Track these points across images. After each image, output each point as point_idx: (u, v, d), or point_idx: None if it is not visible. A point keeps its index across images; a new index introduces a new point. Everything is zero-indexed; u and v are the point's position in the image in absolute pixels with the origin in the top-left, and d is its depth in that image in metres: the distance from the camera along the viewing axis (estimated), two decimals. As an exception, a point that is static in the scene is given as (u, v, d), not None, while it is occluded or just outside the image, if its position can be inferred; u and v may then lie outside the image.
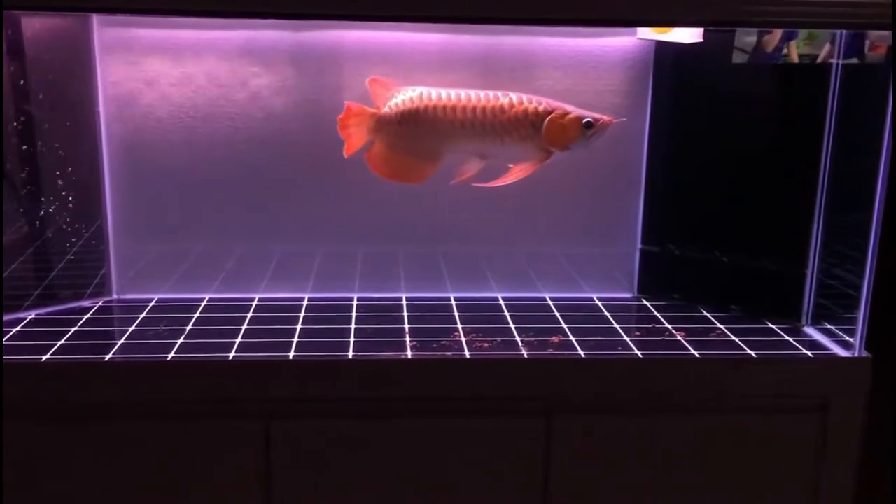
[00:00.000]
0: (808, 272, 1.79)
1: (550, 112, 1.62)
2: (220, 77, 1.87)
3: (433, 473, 1.62)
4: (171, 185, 1.90)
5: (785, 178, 1.81)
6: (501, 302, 1.98)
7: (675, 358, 1.64)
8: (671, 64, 1.90)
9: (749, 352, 1.67)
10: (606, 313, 1.91)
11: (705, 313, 1.91)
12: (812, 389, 1.64)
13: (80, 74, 1.80)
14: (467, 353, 1.65)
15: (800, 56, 1.75)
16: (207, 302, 1.91)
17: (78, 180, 1.83)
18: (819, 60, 1.74)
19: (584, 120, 1.62)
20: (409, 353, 1.64)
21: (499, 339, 1.73)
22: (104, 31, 1.82)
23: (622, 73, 1.93)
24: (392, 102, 1.67)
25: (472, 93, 1.65)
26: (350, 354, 1.62)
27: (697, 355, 1.65)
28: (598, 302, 1.99)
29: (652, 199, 1.99)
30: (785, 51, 1.77)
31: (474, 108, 1.62)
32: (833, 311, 1.83)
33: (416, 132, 1.64)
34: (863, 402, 1.63)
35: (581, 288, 2.04)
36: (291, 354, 1.61)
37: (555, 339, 1.73)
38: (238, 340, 1.68)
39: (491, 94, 1.64)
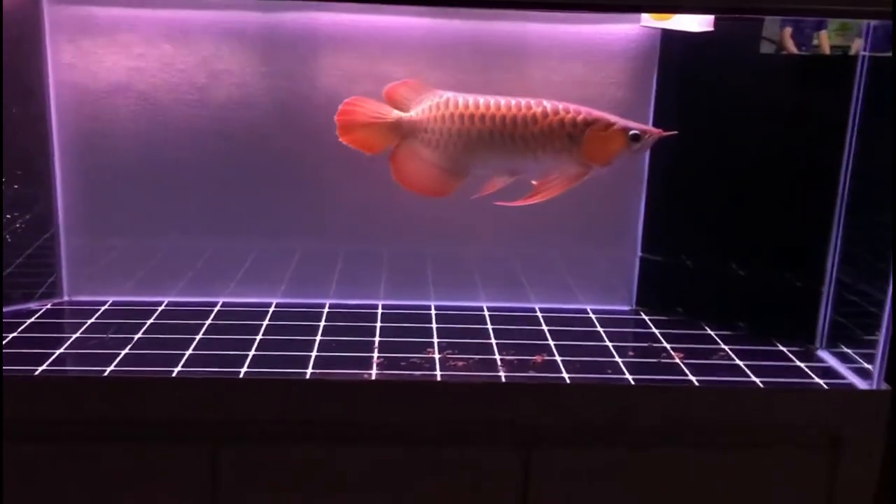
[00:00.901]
0: (825, 289, 1.61)
1: (591, 122, 1.42)
2: (184, 61, 1.71)
3: (394, 508, 1.47)
4: (130, 177, 1.74)
5: (802, 182, 1.62)
6: (486, 312, 1.82)
7: (670, 385, 1.47)
8: (678, 55, 1.71)
9: (754, 378, 1.50)
10: (599, 328, 1.74)
11: (709, 331, 1.73)
12: (823, 424, 1.46)
13: (28, 57, 1.66)
14: (438, 374, 1.49)
15: (832, 48, 1.57)
16: (166, 306, 1.77)
17: (26, 173, 1.68)
18: (853, 52, 1.55)
19: (631, 132, 1.42)
20: (373, 373, 1.48)
21: (476, 356, 1.57)
22: (55, 9, 1.67)
23: (624, 63, 1.75)
24: (419, 108, 1.47)
25: (503, 100, 1.45)
26: (308, 372, 1.47)
27: (696, 382, 1.48)
28: (592, 315, 1.82)
29: (654, 203, 1.81)
30: (816, 41, 1.58)
31: (504, 118, 1.42)
32: (851, 332, 1.65)
33: (442, 142, 1.46)
34: (879, 440, 1.45)
35: (575, 298, 1.87)
36: (244, 370, 1.46)
37: (537, 358, 1.57)
38: (188, 352, 1.53)
39: (523, 101, 1.44)
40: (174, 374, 1.43)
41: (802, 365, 1.57)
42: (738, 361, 1.57)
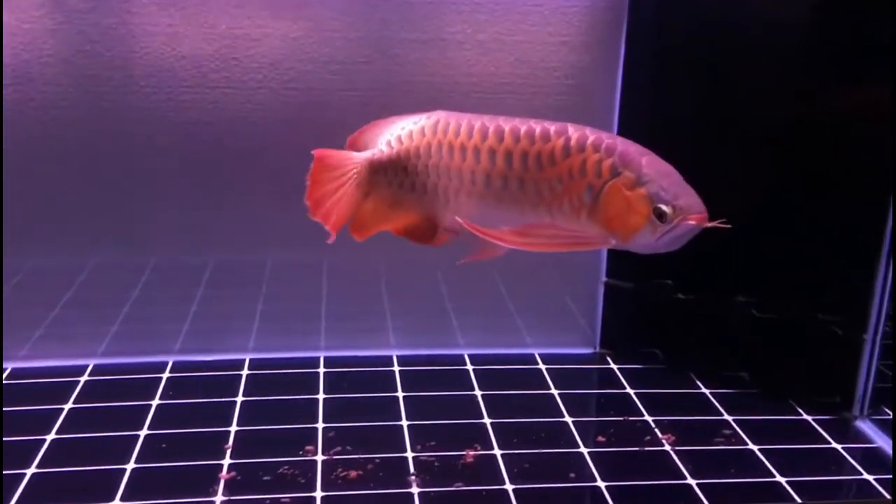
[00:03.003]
0: (868, 336, 1.14)
1: (618, 173, 0.84)
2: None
3: None
4: None
5: (838, 178, 1.16)
6: (396, 367, 1.32)
7: None
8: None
9: (780, 479, 1.03)
10: (553, 390, 1.26)
11: (703, 388, 1.26)
12: (880, 544, 1.01)
13: None
14: (318, 498, 0.98)
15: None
16: (-79, 382, 1.22)
17: None
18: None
19: (656, 205, 0.83)
20: (216, 501, 0.96)
21: (378, 456, 1.06)
22: None
23: (581, 15, 1.25)
24: (390, 137, 0.93)
25: (508, 126, 0.88)
26: (113, 507, 0.95)
27: (698, 490, 1.00)
28: (541, 364, 1.34)
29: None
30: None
31: (509, 154, 0.88)
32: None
33: (418, 187, 0.93)
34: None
35: (520, 339, 1.39)
36: (7, 512, 0.93)
37: (467, 455, 1.07)
38: (-75, 478, 0.99)
39: (538, 128, 0.87)
40: None
41: (840, 448, 1.11)
42: (752, 446, 1.11)
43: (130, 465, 1.03)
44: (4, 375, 1.24)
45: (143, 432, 1.11)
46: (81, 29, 1.18)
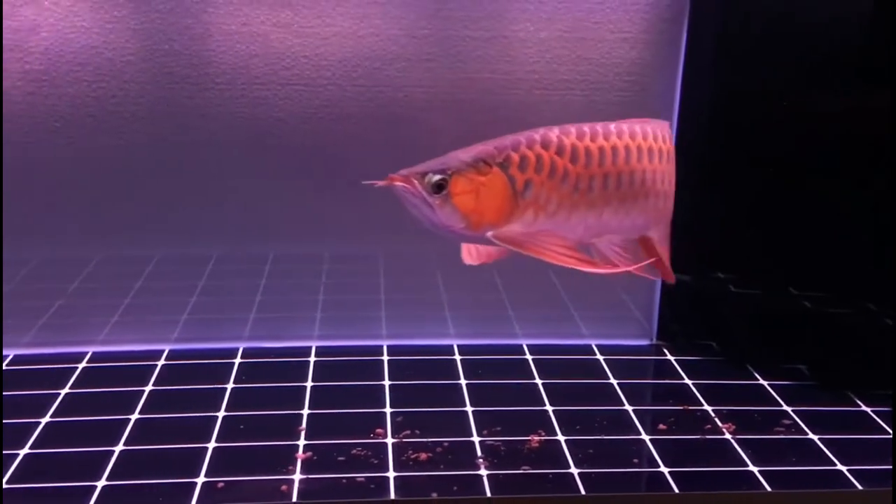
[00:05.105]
0: (927, 329, 1.16)
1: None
2: None
3: None
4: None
5: (891, 170, 1.17)
6: (457, 355, 1.35)
7: (729, 492, 1.02)
8: (719, -1, 1.24)
9: (841, 468, 1.05)
10: (612, 380, 1.28)
11: (760, 380, 1.28)
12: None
13: None
14: (391, 476, 1.02)
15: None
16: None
17: None
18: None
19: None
20: (294, 479, 1.01)
21: (446, 440, 1.10)
22: None
23: (643, 12, 1.27)
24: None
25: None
26: (198, 483, 1.00)
27: (761, 477, 1.03)
28: (598, 355, 1.36)
29: (682, 200, 1.33)
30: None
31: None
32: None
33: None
34: None
35: (576, 330, 1.41)
36: (100, 485, 0.98)
37: (533, 440, 1.11)
38: (22, 453, 1.05)
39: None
40: (-14, 504, 0.95)
41: (901, 438, 1.13)
42: (812, 436, 1.13)
43: (211, 444, 1.08)
44: (85, 360, 1.31)
45: (221, 414, 1.16)
46: (161, 28, 1.24)
